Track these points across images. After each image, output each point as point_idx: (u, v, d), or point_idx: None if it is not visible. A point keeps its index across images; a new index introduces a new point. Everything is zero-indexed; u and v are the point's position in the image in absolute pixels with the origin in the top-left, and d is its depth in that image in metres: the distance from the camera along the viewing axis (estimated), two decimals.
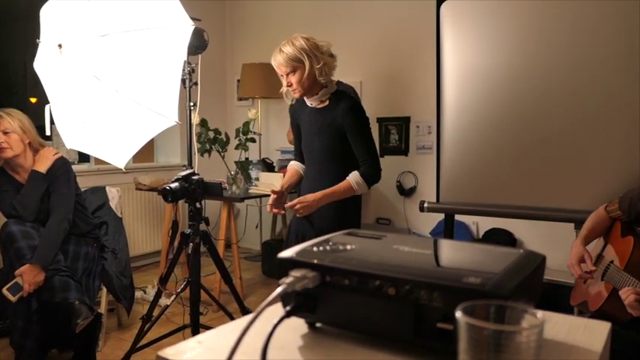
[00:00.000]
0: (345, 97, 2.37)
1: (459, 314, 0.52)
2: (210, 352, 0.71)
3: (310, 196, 2.29)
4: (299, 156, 2.59)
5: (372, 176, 2.33)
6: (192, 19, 2.10)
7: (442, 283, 0.65)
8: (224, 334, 0.77)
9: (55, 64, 2.05)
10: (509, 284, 0.63)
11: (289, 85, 2.31)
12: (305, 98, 2.39)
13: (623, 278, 1.71)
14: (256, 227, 4.70)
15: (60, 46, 1.97)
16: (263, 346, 0.64)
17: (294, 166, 2.60)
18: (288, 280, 0.71)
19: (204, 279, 3.61)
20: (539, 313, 0.52)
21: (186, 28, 1.96)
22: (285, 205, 2.38)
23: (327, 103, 2.38)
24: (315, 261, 0.73)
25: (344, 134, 2.33)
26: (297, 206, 2.27)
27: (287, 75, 2.29)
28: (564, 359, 0.70)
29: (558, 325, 0.82)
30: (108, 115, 2.05)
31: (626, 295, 1.57)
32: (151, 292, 3.68)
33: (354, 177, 2.30)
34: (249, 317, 0.64)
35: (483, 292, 0.61)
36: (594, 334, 0.78)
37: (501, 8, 2.75)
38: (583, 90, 2.55)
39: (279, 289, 0.69)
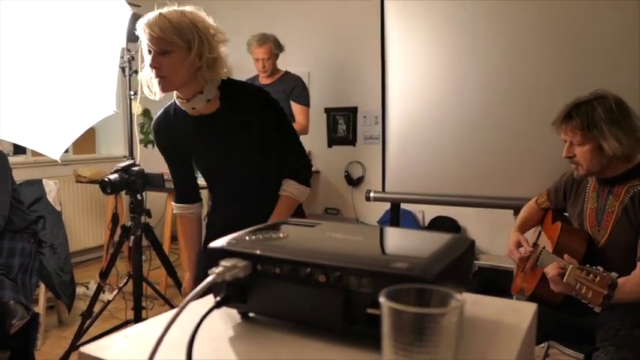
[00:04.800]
0: None
1: (382, 299, 0.52)
2: (136, 346, 0.69)
3: None
4: None
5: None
6: (131, 4, 2.02)
7: (371, 269, 0.65)
8: (152, 327, 0.74)
9: None
10: (435, 268, 0.64)
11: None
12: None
13: (551, 260, 1.79)
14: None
15: None
16: (189, 338, 0.62)
17: None
18: (218, 270, 0.69)
19: (151, 272, 3.52)
20: (460, 296, 0.53)
21: (123, 13, 1.89)
22: None
23: None
24: (245, 250, 0.72)
25: None
26: None
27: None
28: (491, 338, 0.72)
29: (488, 307, 0.84)
30: (40, 103, 1.95)
31: (550, 270, 1.64)
32: (94, 288, 3.56)
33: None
34: (175, 310, 0.62)
35: (411, 277, 0.62)
36: (521, 314, 0.81)
37: (444, 1, 2.78)
38: (523, 84, 2.62)
39: (207, 280, 0.68)
